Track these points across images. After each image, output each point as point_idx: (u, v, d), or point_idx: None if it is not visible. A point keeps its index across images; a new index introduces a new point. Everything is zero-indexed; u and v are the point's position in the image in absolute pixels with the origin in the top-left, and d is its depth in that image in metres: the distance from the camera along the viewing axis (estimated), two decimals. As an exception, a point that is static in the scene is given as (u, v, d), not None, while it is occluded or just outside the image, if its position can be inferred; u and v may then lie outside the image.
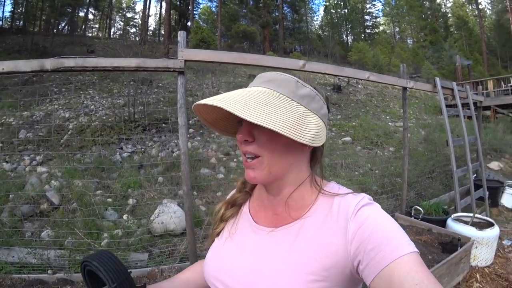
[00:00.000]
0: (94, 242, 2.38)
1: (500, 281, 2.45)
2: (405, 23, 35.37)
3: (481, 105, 5.13)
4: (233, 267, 0.58)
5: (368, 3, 38.88)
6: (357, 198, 0.53)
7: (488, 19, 34.46)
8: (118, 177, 4.09)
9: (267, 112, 0.47)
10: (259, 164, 0.54)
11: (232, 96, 0.50)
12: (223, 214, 0.68)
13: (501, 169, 5.87)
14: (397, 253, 0.43)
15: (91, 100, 7.24)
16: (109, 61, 1.74)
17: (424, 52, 28.32)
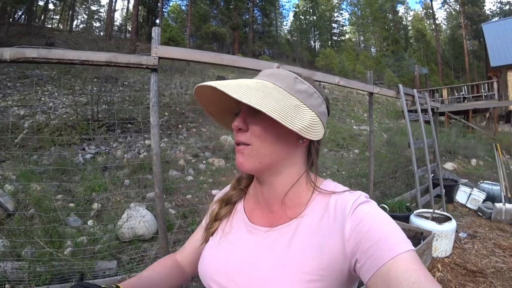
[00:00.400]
0: (56, 251, 2.18)
1: (458, 269, 2.66)
2: (370, 32, 37.52)
3: (437, 111, 5.54)
4: (230, 269, 0.56)
5: (336, 12, 40.63)
6: (354, 196, 0.53)
7: (444, 34, 37.74)
8: (80, 180, 3.81)
9: (258, 96, 0.49)
10: (249, 151, 0.54)
11: (230, 81, 0.51)
12: (218, 212, 0.66)
13: (454, 169, 6.39)
14: (394, 251, 0.43)
15: (49, 97, 6.69)
16: (76, 54, 1.62)
17: (386, 60, 30.15)
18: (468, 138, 8.99)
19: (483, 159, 7.46)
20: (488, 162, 7.21)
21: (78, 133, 5.05)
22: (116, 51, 10.23)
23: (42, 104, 6.25)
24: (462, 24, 30.75)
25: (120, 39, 17.71)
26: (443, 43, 36.28)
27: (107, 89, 6.44)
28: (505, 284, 2.40)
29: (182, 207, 3.70)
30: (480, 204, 4.39)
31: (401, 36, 36.81)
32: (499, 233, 3.49)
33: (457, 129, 9.37)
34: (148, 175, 4.18)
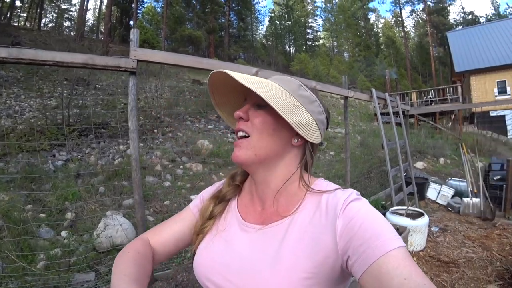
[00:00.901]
0: (29, 265, 2.03)
1: (433, 261, 2.82)
2: (343, 38, 38.89)
3: (408, 114, 5.83)
4: (224, 267, 0.56)
5: (310, 18, 41.69)
6: (345, 194, 0.53)
7: (412, 41, 39.92)
8: (51, 188, 3.60)
9: (263, 87, 0.53)
10: (246, 143, 0.57)
11: (242, 74, 0.55)
12: (212, 210, 0.65)
13: (425, 168, 6.73)
14: (386, 248, 0.43)
15: (15, 100, 6.28)
16: (50, 54, 1.54)
17: (359, 65, 31.30)
18: (436, 138, 9.52)
19: (450, 157, 7.92)
20: (455, 160, 7.67)
21: (47, 138, 4.78)
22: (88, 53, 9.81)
23: (8, 108, 5.85)
24: (428, 32, 32.74)
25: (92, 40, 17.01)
26: (412, 50, 38.36)
27: (78, 92, 6.17)
28: (476, 272, 2.56)
29: (161, 213, 3.61)
30: (449, 200, 4.67)
31: (372, 42, 38.50)
32: (468, 225, 3.72)
33: (425, 130, 9.90)
34: (124, 181, 4.04)
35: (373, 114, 12.97)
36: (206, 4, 27.07)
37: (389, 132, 5.95)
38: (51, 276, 2.09)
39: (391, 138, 4.69)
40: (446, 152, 8.11)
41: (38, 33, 14.70)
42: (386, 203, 4.15)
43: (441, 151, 7.98)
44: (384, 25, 42.00)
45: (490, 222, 3.79)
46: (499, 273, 2.51)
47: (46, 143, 4.65)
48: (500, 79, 14.64)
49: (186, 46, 24.30)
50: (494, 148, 8.97)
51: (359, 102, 14.69)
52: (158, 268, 2.48)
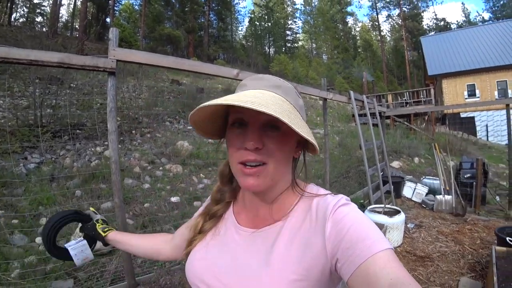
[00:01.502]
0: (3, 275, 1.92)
1: (409, 256, 2.95)
2: (321, 41, 39.68)
3: (384, 115, 6.05)
4: (217, 269, 0.57)
5: (290, 20, 42.18)
6: (335, 199, 0.55)
7: (388, 44, 41.37)
8: (24, 193, 3.43)
9: (296, 121, 0.49)
10: (264, 171, 0.53)
11: (259, 98, 0.48)
12: (202, 226, 0.66)
13: (400, 167, 6.98)
14: (372, 250, 0.45)
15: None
16: (24, 52, 1.47)
17: (337, 67, 32.03)
18: (411, 138, 9.90)
19: (424, 157, 8.25)
20: (429, 159, 8.00)
21: (18, 140, 4.53)
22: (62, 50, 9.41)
23: (-27, 108, 5.50)
24: (403, 36, 34.17)
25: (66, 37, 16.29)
26: (388, 53, 39.83)
27: (51, 91, 5.89)
28: (449, 265, 2.71)
29: (141, 216, 3.53)
30: (423, 197, 4.88)
31: (350, 45, 39.61)
32: (441, 221, 3.91)
33: (401, 131, 10.24)
34: (102, 184, 3.91)
35: (351, 115, 13.30)
36: (186, 3, 26.73)
37: (366, 133, 6.12)
38: (27, 285, 2.00)
39: (369, 138, 4.83)
40: (420, 151, 8.41)
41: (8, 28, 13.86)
42: (364, 201, 4.27)
43: (416, 151, 8.27)
44: (362, 28, 43.32)
45: (461, 217, 3.99)
46: (471, 265, 2.66)
47: (17, 145, 4.42)
48: (470, 82, 15.55)
49: (165, 45, 23.86)
50: (464, 147, 9.45)
51: (337, 104, 15.01)
52: (140, 272, 2.43)
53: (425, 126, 12.70)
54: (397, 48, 37.39)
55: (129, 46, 15.44)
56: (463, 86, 15.64)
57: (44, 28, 21.55)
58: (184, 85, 10.69)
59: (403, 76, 36.09)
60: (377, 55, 38.61)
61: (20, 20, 24.93)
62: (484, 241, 3.15)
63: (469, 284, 2.37)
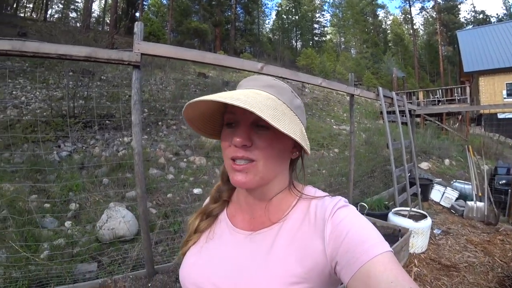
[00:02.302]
0: (33, 255, 2.06)
1: (434, 264, 2.79)
2: (350, 34, 38.42)
3: (414, 113, 5.76)
4: (212, 273, 0.56)
5: (318, 13, 41.22)
6: (333, 201, 0.55)
7: (421, 39, 39.31)
8: (56, 179, 3.64)
9: (284, 119, 0.48)
10: (253, 169, 0.52)
11: (246, 95, 0.48)
12: (198, 225, 0.65)
13: (429, 169, 6.67)
14: (372, 253, 0.44)
15: (21, 91, 6.32)
16: (54, 47, 1.54)
17: (366, 62, 30.96)
18: (442, 139, 9.41)
19: (456, 159, 7.84)
20: (460, 162, 7.58)
21: (52, 129, 4.82)
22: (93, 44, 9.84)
23: (14, 98, 5.90)
24: (438, 30, 32.25)
25: (97, 32, 17.02)
26: (420, 48, 37.82)
27: (83, 83, 6.18)
28: (477, 277, 2.54)
29: (163, 206, 3.64)
30: (453, 202, 4.62)
31: (380, 39, 38.03)
32: (471, 229, 3.68)
33: (432, 130, 9.77)
34: (128, 173, 4.06)
35: (379, 112, 12.85)
36: (213, -3, 26.89)
37: (395, 131, 5.90)
38: (54, 266, 2.12)
39: (397, 137, 4.64)
40: (451, 153, 8.03)
41: (44, 24, 14.72)
42: (389, 203, 4.12)
43: (447, 152, 7.90)
44: (393, 22, 41.37)
45: (493, 227, 3.74)
46: (500, 279, 2.48)
47: (52, 134, 4.69)
48: (510, 81, 14.37)
49: (192, 39, 24.23)
50: (500, 151, 8.81)
51: (365, 100, 14.55)
52: (160, 260, 2.50)
53: (458, 126, 12.02)
54: (430, 43, 35.38)
55: (157, 39, 15.87)
56: (502, 84, 14.49)
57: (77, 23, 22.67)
58: (210, 78, 10.82)
59: (436, 72, 34.19)
60: (408, 50, 36.79)
61: (55, 16, 26.38)
62: (517, 253, 2.92)
63: (498, 299, 2.22)
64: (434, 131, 10.00)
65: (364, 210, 3.42)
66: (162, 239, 2.89)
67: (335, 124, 10.22)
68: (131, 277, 2.09)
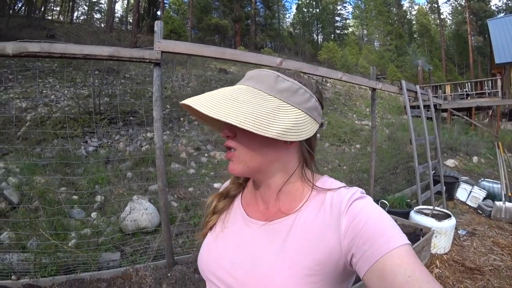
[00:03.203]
0: (61, 243, 2.21)
1: (457, 266, 2.69)
2: (373, 26, 37.04)
3: (440, 108, 5.52)
4: (228, 262, 0.57)
5: (339, 5, 40.11)
6: (349, 192, 0.53)
7: (448, 29, 37.22)
8: (83, 172, 3.84)
9: (231, 106, 0.48)
10: (235, 158, 0.56)
11: (207, 94, 0.52)
12: (215, 206, 0.67)
13: (456, 166, 6.39)
14: (389, 245, 0.44)
15: (51, 90, 6.69)
16: (79, 48, 1.62)
17: (390, 55, 29.86)
18: (470, 135, 8.96)
19: (485, 156, 7.45)
20: (490, 160, 7.21)
21: (80, 125, 5.07)
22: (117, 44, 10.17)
23: (44, 97, 6.26)
24: (467, 19, 30.34)
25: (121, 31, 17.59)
26: (448, 39, 35.86)
27: (108, 81, 6.44)
28: (502, 282, 2.42)
29: (184, 199, 3.73)
30: (480, 202, 4.40)
31: (405, 30, 36.37)
32: (498, 231, 3.50)
33: (459, 126, 9.33)
34: (151, 168, 4.20)
35: (403, 106, 12.41)
36: (232, -7, 26.91)
37: (419, 127, 5.68)
38: (80, 254, 2.25)
39: (421, 133, 4.47)
40: (480, 150, 7.64)
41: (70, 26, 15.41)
42: (411, 201, 4.00)
43: (475, 149, 7.53)
44: (418, 12, 39.38)
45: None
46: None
47: (79, 130, 4.94)
48: (544, 73, 13.36)
49: (212, 35, 24.45)
50: (533, 148, 8.29)
51: (388, 94, 14.09)
52: (179, 252, 2.58)
53: (488, 121, 11.36)
54: (459, 33, 33.41)
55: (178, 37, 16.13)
56: (537, 76, 13.50)
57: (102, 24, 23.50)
58: (231, 74, 10.90)
59: (465, 64, 32.33)
60: (435, 41, 34.97)
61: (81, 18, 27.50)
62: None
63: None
64: (462, 127, 9.54)
65: (385, 207, 3.35)
66: (183, 231, 2.97)
67: (357, 119, 10.00)
68: (151, 267, 2.18)
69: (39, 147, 4.31)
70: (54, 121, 5.03)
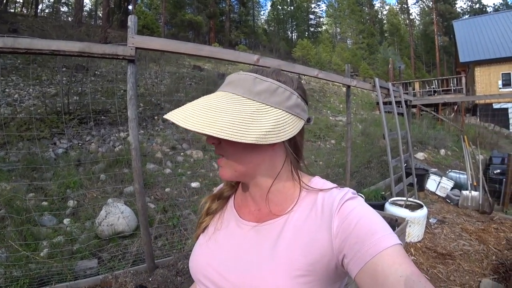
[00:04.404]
0: (32, 254, 2.06)
1: (429, 252, 2.85)
2: (346, 25, 38.03)
3: (410, 104, 5.78)
4: (219, 264, 0.57)
5: (313, 3, 40.81)
6: (341, 193, 0.53)
7: (417, 29, 39.08)
8: (53, 176, 3.62)
9: (208, 116, 0.48)
10: (224, 163, 0.56)
11: (187, 106, 0.51)
12: (209, 207, 0.67)
13: (425, 159, 6.72)
14: (380, 246, 0.44)
15: (14, 88, 6.23)
16: (46, 43, 1.51)
17: (362, 53, 30.81)
18: (438, 129, 9.46)
19: (451, 149, 7.90)
20: (456, 152, 7.65)
21: (47, 126, 4.77)
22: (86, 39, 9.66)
23: (7, 96, 5.81)
24: (434, 20, 32.08)
25: (90, 26, 16.71)
26: (416, 38, 37.69)
27: (77, 79, 6.11)
28: (472, 265, 2.59)
29: (162, 201, 3.64)
30: (448, 192, 4.68)
31: (376, 29, 37.74)
32: (466, 218, 3.73)
33: (427, 121, 9.81)
34: (125, 169, 4.05)
35: (375, 103, 12.87)
36: (207, -12, 26.47)
37: (391, 122, 5.91)
38: (54, 263, 2.13)
39: (393, 128, 4.66)
40: (447, 143, 8.08)
41: (35, 19, 14.40)
42: (385, 193, 4.16)
43: (442, 143, 7.96)
44: (389, 12, 41.04)
45: (488, 215, 3.80)
46: (494, 267, 2.53)
47: (47, 131, 4.65)
48: (505, 71, 14.40)
49: (186, 31, 23.93)
50: (495, 141, 8.91)
51: (361, 91, 14.55)
52: (159, 255, 2.52)
53: (453, 116, 12.06)
54: (426, 33, 35.23)
55: (151, 33, 15.66)
56: (498, 74, 14.52)
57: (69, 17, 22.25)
58: (206, 71, 10.73)
59: (432, 63, 34.14)
60: (404, 40, 36.59)
61: (46, 11, 25.80)
62: (511, 241, 2.98)
63: (491, 286, 2.26)
64: (430, 122, 10.05)
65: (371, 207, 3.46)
66: (162, 233, 2.90)
67: (331, 115, 10.23)
68: (131, 272, 2.10)
69: (3, 150, 4.00)
70: (18, 122, 4.69)
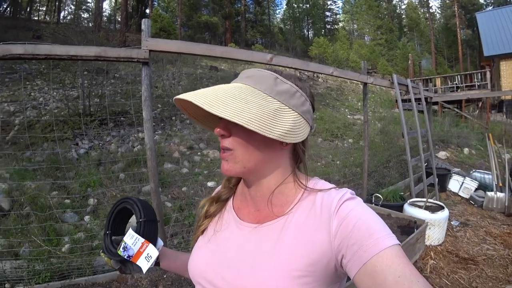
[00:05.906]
0: (54, 249, 2.17)
1: (451, 257, 2.73)
2: (363, 21, 37.13)
3: (431, 101, 5.57)
4: (219, 265, 0.57)
5: (329, 0, 40.13)
6: (339, 193, 0.54)
7: (437, 23, 37.56)
8: (75, 176, 3.77)
9: (235, 106, 0.48)
10: (232, 157, 0.55)
11: (206, 90, 0.51)
12: (207, 210, 0.67)
13: (447, 158, 6.47)
14: (379, 246, 0.44)
15: (39, 92, 6.55)
16: (64, 49, 1.57)
17: (380, 49, 30.03)
18: (461, 127, 9.09)
19: (476, 148, 7.56)
20: (480, 151, 7.31)
21: (70, 128, 4.98)
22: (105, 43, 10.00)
23: (32, 100, 6.13)
24: (456, 13, 30.73)
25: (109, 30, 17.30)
26: (437, 32, 36.24)
27: (98, 82, 6.33)
28: (496, 271, 2.46)
29: (178, 199, 3.71)
30: (472, 193, 4.47)
31: (395, 24, 36.61)
32: (490, 221, 3.56)
33: (450, 118, 9.45)
34: (143, 168, 4.16)
35: (394, 100, 12.52)
36: (222, -11, 26.71)
37: (411, 120, 5.73)
38: (74, 258, 2.22)
39: (413, 126, 4.51)
40: (471, 142, 7.76)
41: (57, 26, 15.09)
42: (404, 194, 4.04)
43: (466, 141, 7.65)
44: (408, 6, 39.67)
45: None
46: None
47: (69, 132, 4.85)
48: (533, 64, 13.60)
49: (203, 32, 24.24)
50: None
51: (380, 88, 14.20)
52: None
53: (478, 113, 11.54)
54: (448, 27, 33.79)
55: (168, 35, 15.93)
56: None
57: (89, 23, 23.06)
58: (222, 71, 10.83)
59: (455, 57, 32.75)
60: (425, 35, 35.32)
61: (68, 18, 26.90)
62: (539, 246, 2.81)
63: (517, 293, 2.14)
64: (453, 119, 9.68)
65: (379, 201, 3.37)
66: (178, 231, 2.95)
67: (349, 114, 10.06)
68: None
69: (29, 151, 4.21)
70: (43, 124, 4.93)
